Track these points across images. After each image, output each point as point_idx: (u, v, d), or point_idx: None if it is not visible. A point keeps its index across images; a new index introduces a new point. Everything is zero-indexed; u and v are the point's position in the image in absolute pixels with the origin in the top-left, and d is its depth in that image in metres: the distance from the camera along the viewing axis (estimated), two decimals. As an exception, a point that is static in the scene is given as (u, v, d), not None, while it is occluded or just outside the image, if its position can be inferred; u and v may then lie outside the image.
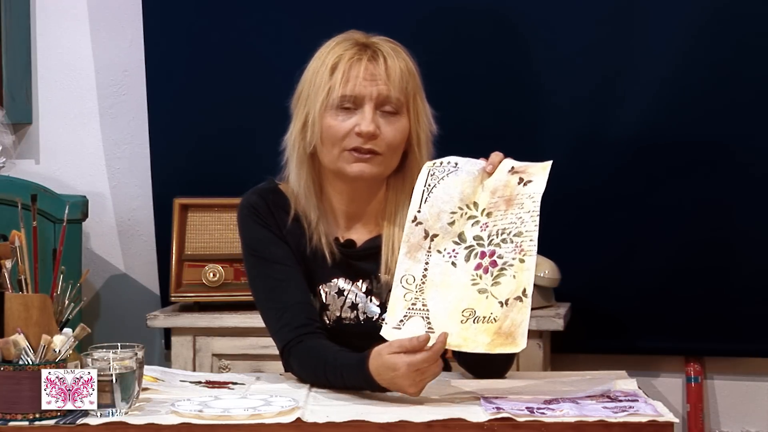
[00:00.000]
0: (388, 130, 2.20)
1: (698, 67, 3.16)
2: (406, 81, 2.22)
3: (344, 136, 2.20)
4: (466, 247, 2.05)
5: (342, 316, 2.27)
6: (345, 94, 2.19)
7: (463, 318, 2.01)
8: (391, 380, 2.00)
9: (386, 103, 2.20)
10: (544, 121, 3.26)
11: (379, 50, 2.22)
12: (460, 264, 2.05)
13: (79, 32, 3.55)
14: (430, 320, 2.02)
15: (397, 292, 2.05)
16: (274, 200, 2.28)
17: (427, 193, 2.09)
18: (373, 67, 2.20)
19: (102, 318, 3.58)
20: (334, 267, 2.26)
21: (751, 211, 3.16)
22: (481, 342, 1.98)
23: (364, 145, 2.19)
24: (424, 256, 2.07)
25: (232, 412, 1.89)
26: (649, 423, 1.85)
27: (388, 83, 2.20)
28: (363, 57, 2.21)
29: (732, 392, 3.31)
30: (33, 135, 3.58)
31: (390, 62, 2.21)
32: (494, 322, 1.98)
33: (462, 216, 2.07)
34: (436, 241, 2.07)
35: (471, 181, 2.08)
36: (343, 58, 2.21)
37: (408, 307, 2.04)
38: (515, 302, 1.98)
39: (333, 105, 2.20)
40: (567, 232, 3.23)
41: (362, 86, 2.19)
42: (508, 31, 3.26)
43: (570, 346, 3.24)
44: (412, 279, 2.06)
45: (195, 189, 3.32)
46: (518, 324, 1.97)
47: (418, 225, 2.08)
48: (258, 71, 3.33)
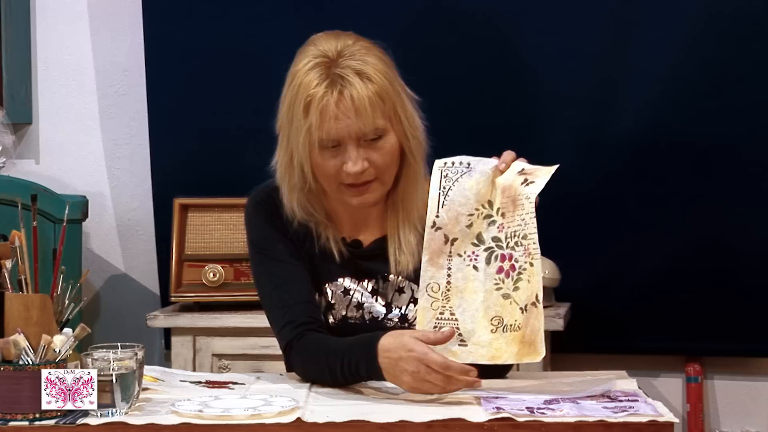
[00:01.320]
0: (376, 157, 2.18)
1: (698, 67, 3.16)
2: (379, 107, 2.16)
3: (336, 173, 2.18)
4: (486, 248, 2.06)
5: (347, 316, 2.27)
6: (322, 137, 2.16)
7: (492, 327, 2.02)
8: (395, 362, 2.00)
9: (366, 136, 2.16)
10: (543, 121, 3.26)
11: (344, 84, 2.14)
12: (481, 267, 2.05)
13: (79, 32, 3.56)
14: (461, 331, 2.03)
15: (424, 301, 2.06)
16: (281, 199, 2.28)
17: (443, 196, 2.08)
18: (342, 104, 2.14)
19: (102, 318, 3.58)
20: (340, 266, 2.26)
21: (751, 211, 3.16)
22: (511, 353, 2.00)
23: (358, 181, 2.18)
24: (446, 262, 2.07)
25: (232, 412, 1.89)
26: (649, 423, 1.85)
27: (358, 120, 2.14)
28: (330, 96, 2.14)
29: (732, 392, 3.31)
30: (33, 135, 3.59)
31: (356, 95, 2.14)
32: (519, 329, 2.00)
33: (479, 216, 2.07)
34: (456, 244, 2.07)
35: (485, 180, 2.08)
36: (313, 98, 2.14)
37: (436, 317, 2.05)
38: (532, 308, 2.00)
39: (315, 144, 2.17)
40: (567, 232, 3.23)
41: (337, 128, 2.14)
42: (507, 30, 3.26)
43: (570, 346, 3.24)
44: (437, 287, 2.06)
45: (195, 189, 3.32)
46: (536, 331, 1.99)
47: (437, 230, 2.08)
48: (258, 71, 3.33)
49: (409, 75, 2.26)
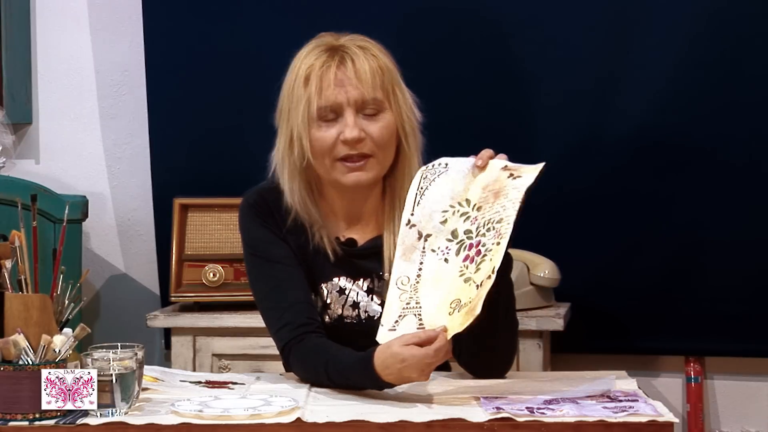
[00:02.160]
0: (373, 129, 2.20)
1: (697, 67, 3.16)
2: (380, 78, 2.20)
3: (332, 146, 2.20)
4: (458, 242, 2.07)
5: (343, 315, 2.27)
6: (321, 105, 2.19)
7: (450, 309, 2.02)
8: (399, 372, 2.00)
9: (365, 105, 2.20)
10: (542, 121, 3.25)
11: (346, 53, 2.21)
12: (451, 259, 2.06)
13: (79, 32, 3.56)
14: (422, 317, 2.03)
15: (393, 293, 2.06)
16: (274, 200, 2.28)
17: (420, 196, 2.10)
18: (342, 72, 2.19)
19: (102, 318, 3.58)
20: (335, 265, 2.27)
21: (751, 211, 3.16)
22: (459, 323, 1.99)
23: (354, 151, 2.19)
24: (419, 257, 2.07)
25: (232, 412, 1.89)
26: (649, 423, 1.85)
27: (359, 86, 2.18)
28: (332, 63, 2.19)
29: (732, 392, 3.31)
30: (33, 135, 3.59)
31: (358, 64, 2.19)
32: (470, 303, 1.99)
33: (454, 214, 2.09)
34: (430, 240, 2.08)
35: (461, 178, 2.10)
36: (313, 69, 2.20)
37: (403, 307, 2.05)
38: (487, 282, 1.99)
39: (314, 117, 2.20)
40: (567, 232, 3.23)
41: (336, 94, 2.18)
42: (505, 30, 3.26)
43: (570, 346, 3.24)
44: (407, 280, 2.06)
45: (195, 189, 3.32)
46: (481, 296, 1.96)
47: (411, 227, 2.09)
48: (258, 71, 3.32)
49: (407, 74, 2.28)
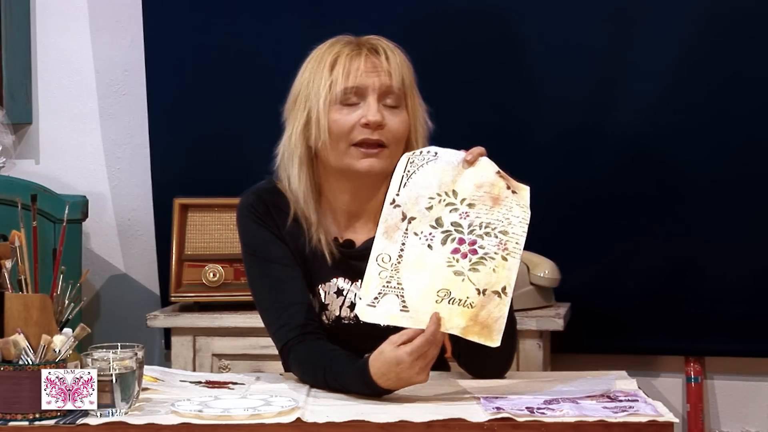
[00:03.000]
0: (393, 121, 2.22)
1: (697, 67, 3.15)
2: (405, 74, 2.24)
3: (350, 130, 2.20)
4: (443, 231, 2.07)
5: (341, 316, 2.27)
6: (347, 86, 2.20)
7: (438, 298, 2.02)
8: (397, 376, 2.00)
9: (388, 94, 2.22)
10: (543, 122, 3.25)
11: (378, 44, 2.25)
12: (436, 247, 2.06)
13: (79, 32, 3.56)
14: (405, 299, 2.03)
15: (372, 269, 2.06)
16: (272, 200, 2.29)
17: (407, 178, 2.11)
18: (374, 58, 2.22)
19: (102, 318, 3.58)
20: (333, 267, 2.27)
21: (751, 212, 3.16)
22: (456, 324, 2.01)
23: (372, 136, 2.20)
24: (401, 237, 2.08)
25: (232, 412, 1.89)
26: (649, 423, 1.85)
27: (390, 74, 2.21)
28: (362, 51, 2.23)
29: (732, 392, 3.31)
30: (33, 135, 3.59)
31: (390, 54, 2.23)
32: (471, 307, 2.01)
33: (440, 202, 2.09)
34: (414, 223, 2.08)
35: (450, 170, 2.11)
36: (341, 54, 2.22)
37: (383, 285, 2.04)
38: (493, 295, 2.01)
39: (336, 99, 2.21)
40: (567, 232, 3.23)
41: (364, 77, 2.20)
42: (506, 31, 3.26)
43: (570, 346, 3.24)
44: (387, 258, 2.06)
45: (195, 189, 3.32)
46: (495, 318, 2.00)
47: (396, 207, 2.09)
48: (258, 71, 3.33)
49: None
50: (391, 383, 2.01)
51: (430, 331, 1.98)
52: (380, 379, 2.01)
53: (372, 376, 2.01)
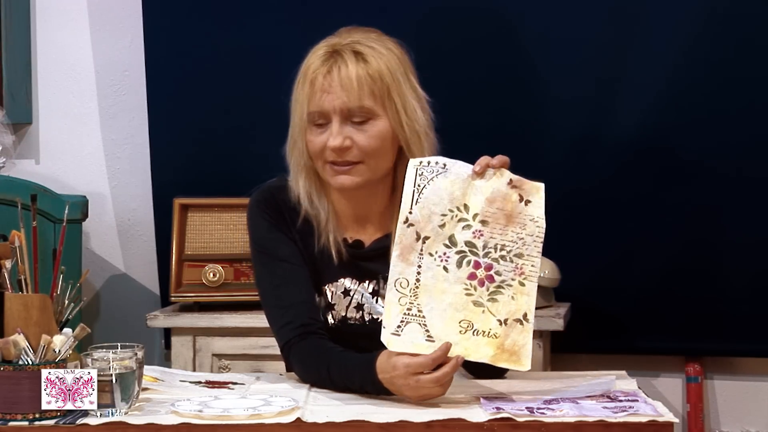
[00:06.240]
0: (360, 138, 2.18)
1: (698, 68, 3.16)
2: (368, 86, 2.18)
3: (321, 151, 2.20)
4: (458, 251, 2.05)
5: (347, 316, 2.26)
6: (311, 111, 2.19)
7: (461, 329, 2.02)
8: (390, 380, 2.00)
9: (351, 114, 2.18)
10: (544, 122, 3.25)
11: (340, 57, 2.19)
12: (452, 269, 2.05)
13: (79, 32, 3.56)
14: (428, 328, 2.02)
15: (392, 296, 2.05)
16: (284, 198, 2.28)
17: (418, 193, 2.08)
18: (329, 80, 2.18)
19: (102, 318, 3.58)
20: (341, 267, 2.26)
21: (751, 212, 3.16)
22: (484, 353, 2.02)
23: (339, 159, 2.19)
24: (417, 259, 2.06)
25: (232, 412, 1.89)
26: (649, 423, 1.85)
27: (344, 95, 2.17)
28: (324, 67, 2.19)
29: (732, 392, 3.31)
30: (33, 135, 3.59)
31: (344, 72, 2.17)
32: (496, 337, 2.02)
33: (452, 219, 2.07)
34: (428, 243, 2.06)
35: (460, 183, 2.07)
36: (309, 70, 2.20)
37: (404, 312, 2.04)
38: (515, 324, 2.02)
39: (306, 121, 2.21)
40: (567, 232, 3.22)
41: (323, 101, 2.18)
42: (508, 31, 3.26)
43: (570, 346, 3.24)
44: (405, 283, 2.05)
45: (195, 189, 3.32)
46: (521, 345, 2.02)
47: (410, 227, 2.07)
48: (258, 71, 3.33)
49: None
50: (386, 383, 2.02)
51: (432, 356, 1.98)
52: (381, 374, 2.02)
53: (376, 368, 2.02)
